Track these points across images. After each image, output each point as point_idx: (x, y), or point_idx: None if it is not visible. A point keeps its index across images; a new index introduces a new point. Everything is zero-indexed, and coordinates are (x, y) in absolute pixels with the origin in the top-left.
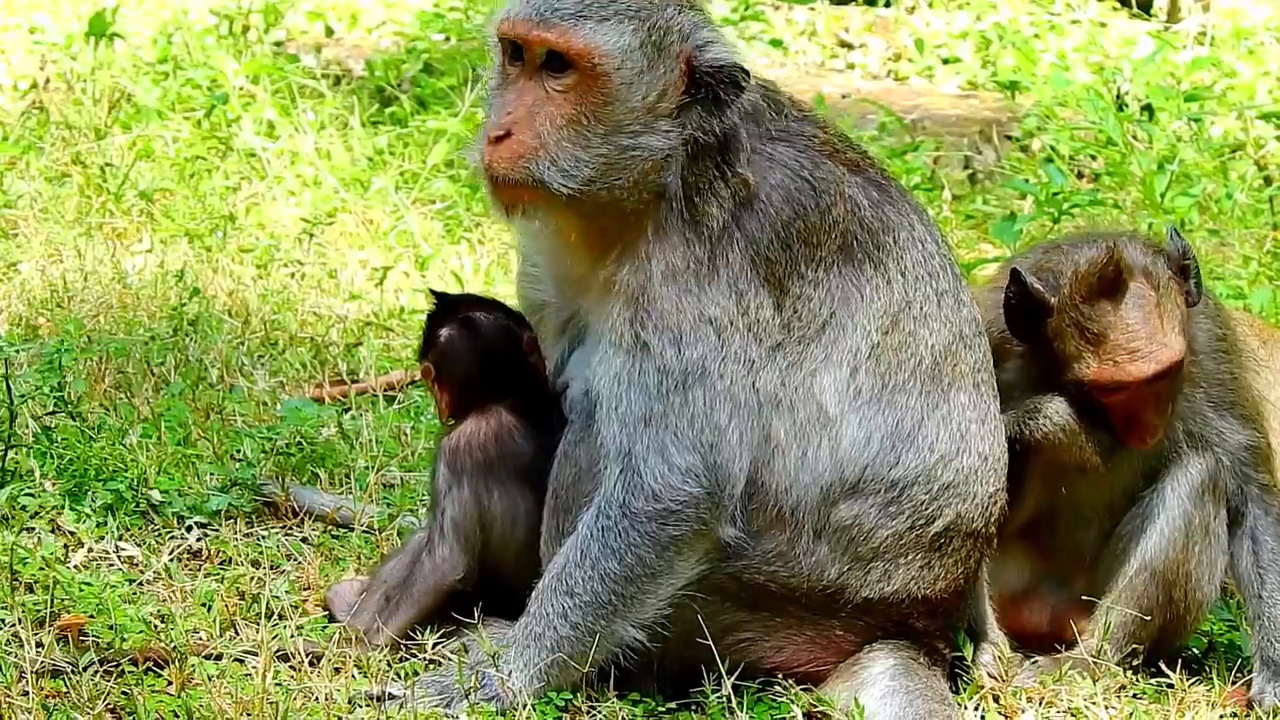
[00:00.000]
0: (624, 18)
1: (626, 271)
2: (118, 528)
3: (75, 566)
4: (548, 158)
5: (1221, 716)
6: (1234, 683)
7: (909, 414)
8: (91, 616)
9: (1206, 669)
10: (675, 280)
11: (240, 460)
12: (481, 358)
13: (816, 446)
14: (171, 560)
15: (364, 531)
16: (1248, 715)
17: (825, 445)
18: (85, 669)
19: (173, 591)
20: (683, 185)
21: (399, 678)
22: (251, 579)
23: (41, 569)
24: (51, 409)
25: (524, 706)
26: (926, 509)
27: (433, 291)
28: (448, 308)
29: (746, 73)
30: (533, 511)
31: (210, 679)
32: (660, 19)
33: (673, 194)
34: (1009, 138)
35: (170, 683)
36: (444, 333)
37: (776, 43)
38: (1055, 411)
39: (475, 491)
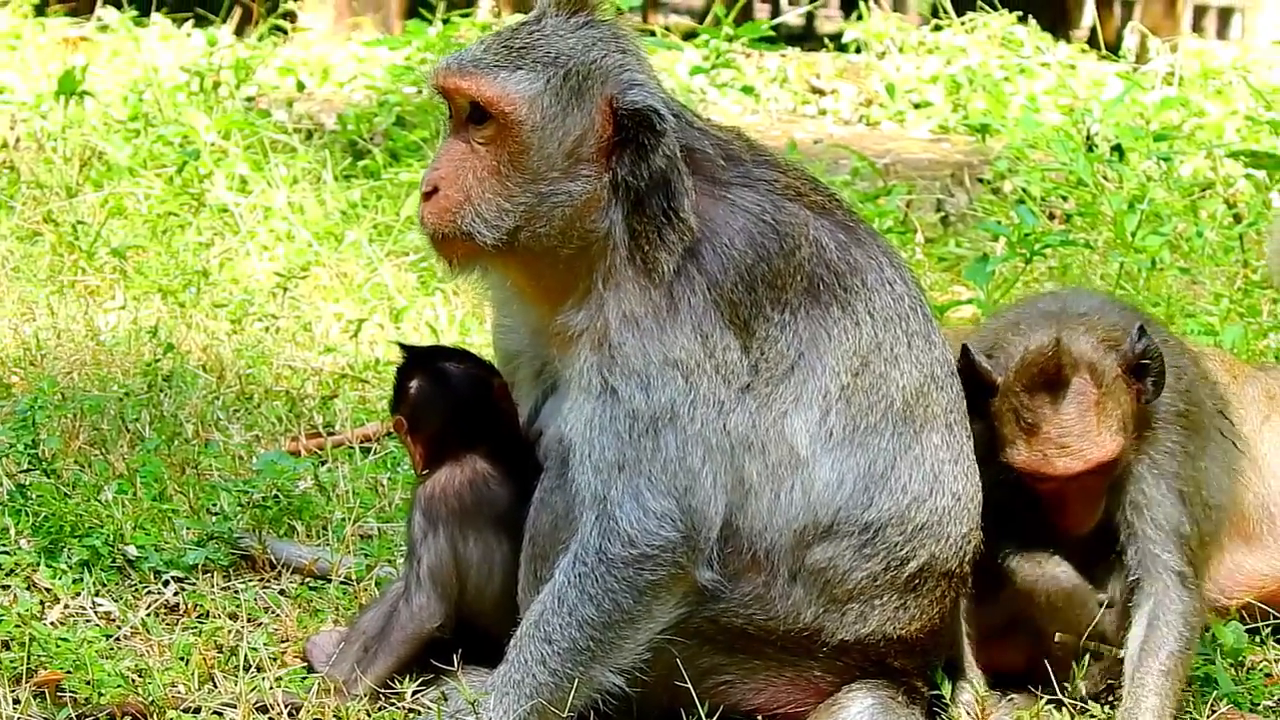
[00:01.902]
0: (538, 64)
1: (584, 318)
2: (94, 583)
3: (52, 623)
4: (472, 210)
5: None
6: (1210, 715)
7: (881, 455)
8: (69, 672)
9: (1184, 704)
10: (635, 325)
11: (217, 514)
12: (452, 408)
13: (789, 489)
14: (149, 615)
15: (342, 583)
16: None
17: (798, 488)
18: None
19: (150, 646)
20: (629, 231)
21: None
22: (229, 632)
23: (18, 626)
24: (26, 466)
25: None
26: (901, 550)
27: (400, 344)
28: (416, 360)
29: (662, 116)
30: (509, 558)
31: None
32: (579, 63)
33: (618, 240)
34: (980, 180)
35: None
36: (414, 385)
37: (748, 90)
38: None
39: (451, 539)
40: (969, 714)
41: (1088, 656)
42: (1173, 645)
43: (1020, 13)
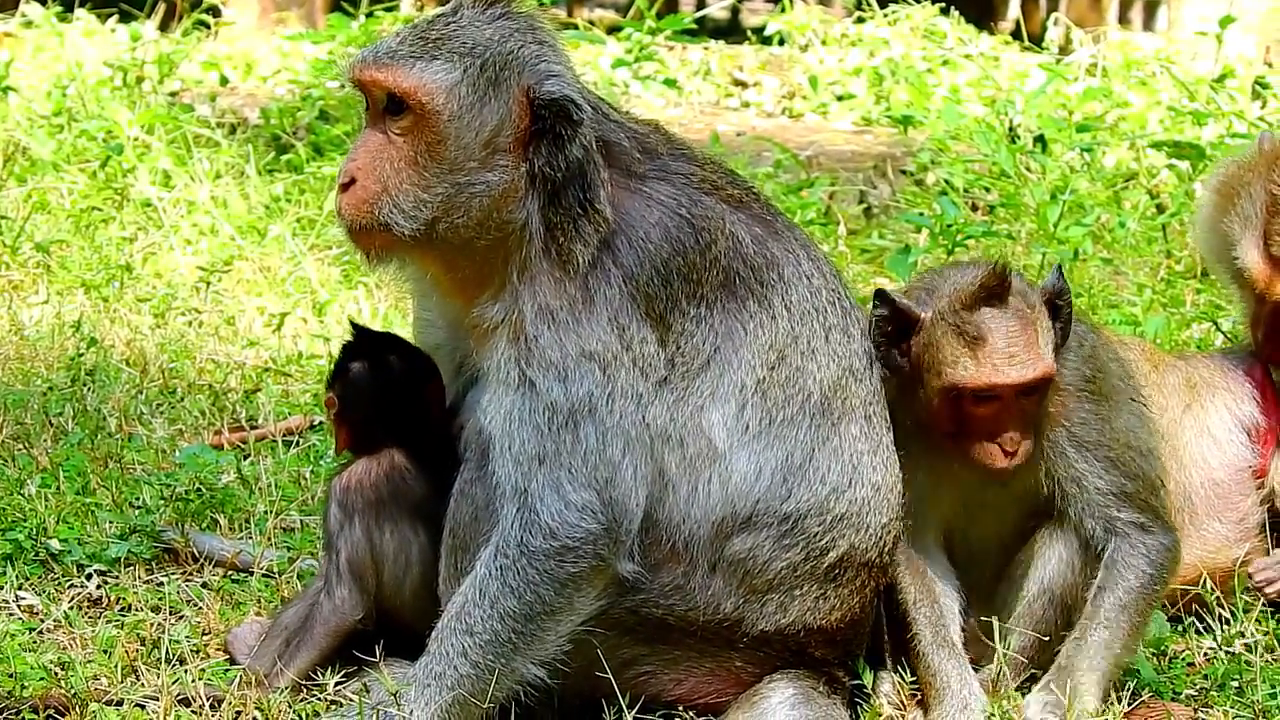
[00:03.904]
0: (455, 55)
1: (500, 310)
2: (16, 577)
3: None
4: (390, 201)
5: None
6: (1131, 704)
7: (799, 447)
8: None
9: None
10: (551, 318)
11: (139, 508)
12: (383, 401)
13: (707, 481)
14: (71, 608)
15: (264, 575)
16: None
17: (716, 479)
18: None
19: (73, 639)
20: (544, 223)
21: (300, 719)
22: (152, 624)
23: None
24: None
25: None
26: (820, 541)
27: (353, 323)
28: (362, 343)
29: (579, 106)
30: (427, 550)
31: None
32: (497, 53)
33: (534, 232)
34: (903, 172)
35: None
36: (353, 367)
37: (671, 82)
38: None
39: (366, 530)
40: (891, 704)
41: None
42: (1131, 581)
43: (943, 4)
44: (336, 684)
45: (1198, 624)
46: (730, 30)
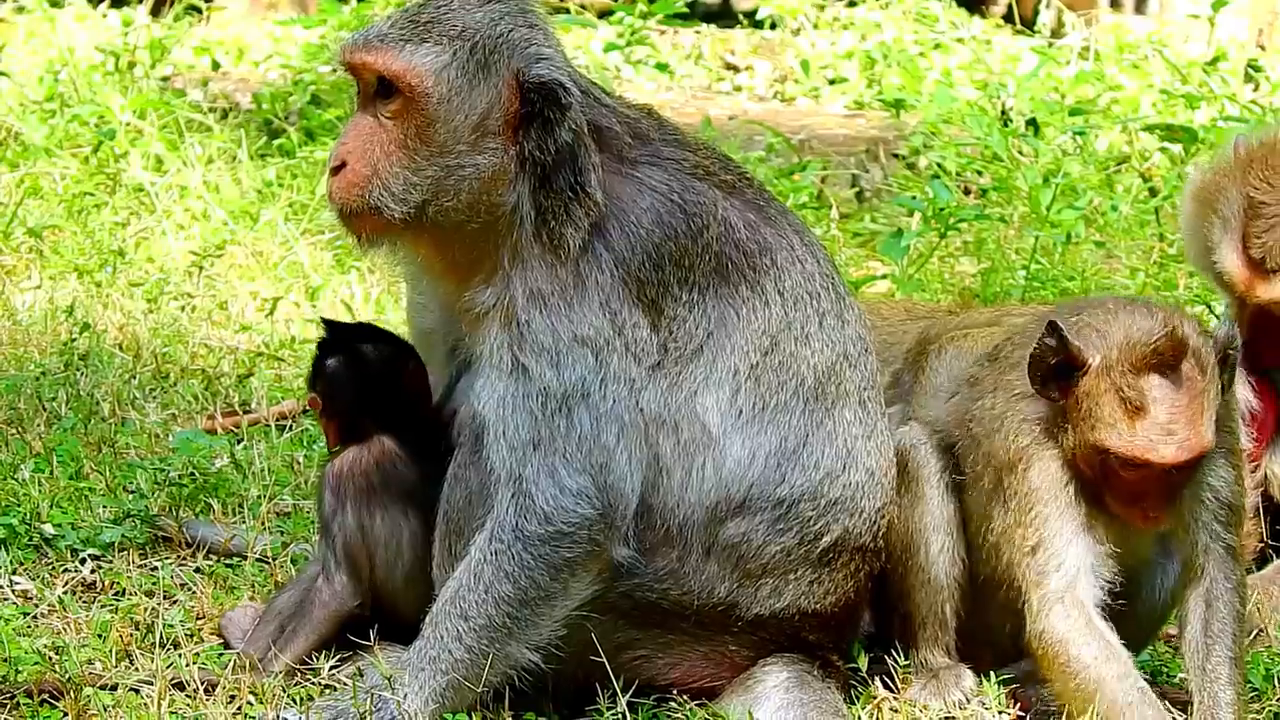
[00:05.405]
0: (445, 38)
1: (492, 295)
2: (11, 562)
3: None
4: (380, 184)
5: None
6: None
7: (793, 432)
8: None
9: None
10: (542, 302)
11: (133, 492)
12: (366, 390)
13: (701, 466)
14: (66, 593)
15: (258, 560)
16: None
17: (710, 464)
18: None
19: (67, 623)
20: (535, 207)
21: (294, 703)
22: (146, 609)
23: None
24: None
25: None
26: (814, 525)
27: (323, 320)
28: (336, 338)
29: (568, 90)
30: (418, 535)
31: (106, 709)
32: (486, 36)
33: (524, 216)
34: (895, 156)
35: (66, 714)
36: (330, 363)
37: (663, 66)
38: None
39: (358, 516)
40: (885, 687)
41: None
42: (1234, 628)
43: None
44: (331, 668)
45: None
46: (722, 14)
